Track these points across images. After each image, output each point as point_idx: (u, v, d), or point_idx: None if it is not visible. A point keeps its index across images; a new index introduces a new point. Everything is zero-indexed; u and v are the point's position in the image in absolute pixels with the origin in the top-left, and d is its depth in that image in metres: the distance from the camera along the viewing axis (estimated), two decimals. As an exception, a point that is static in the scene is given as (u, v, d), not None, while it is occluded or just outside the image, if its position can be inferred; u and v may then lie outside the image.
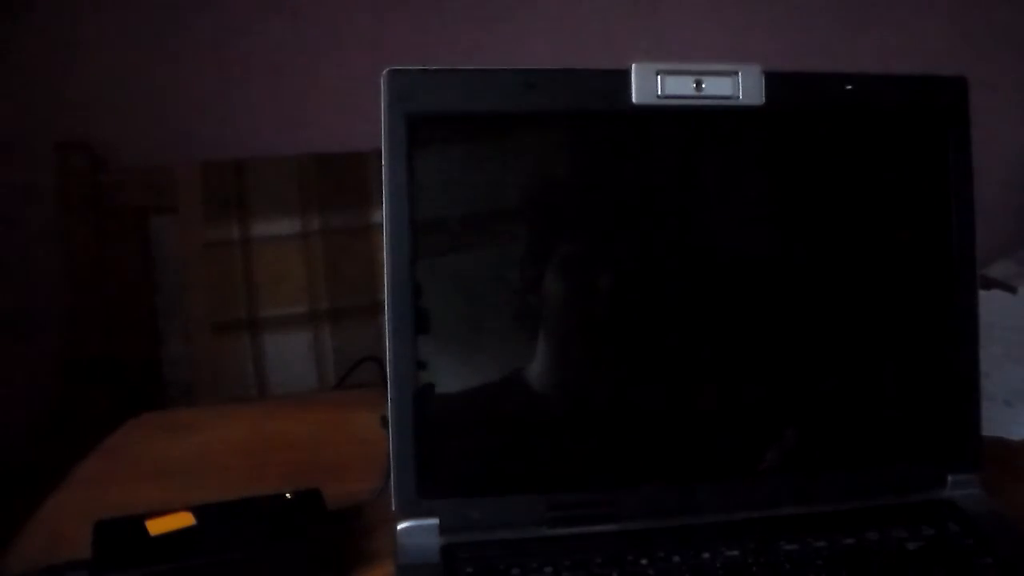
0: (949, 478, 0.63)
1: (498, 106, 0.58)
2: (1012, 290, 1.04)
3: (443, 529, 0.58)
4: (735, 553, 0.57)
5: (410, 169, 0.57)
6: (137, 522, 0.57)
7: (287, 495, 0.61)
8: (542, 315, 0.60)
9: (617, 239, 0.61)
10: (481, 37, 1.34)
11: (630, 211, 0.60)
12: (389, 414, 0.57)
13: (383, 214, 0.57)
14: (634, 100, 0.59)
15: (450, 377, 0.59)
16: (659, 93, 0.59)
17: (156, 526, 0.57)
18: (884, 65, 0.65)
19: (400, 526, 0.58)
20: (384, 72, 0.57)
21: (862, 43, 1.41)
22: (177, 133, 1.28)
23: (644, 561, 0.57)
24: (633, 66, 0.59)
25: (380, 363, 0.81)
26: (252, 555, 0.56)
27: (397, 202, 0.57)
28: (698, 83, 0.59)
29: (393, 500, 0.58)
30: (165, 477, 0.71)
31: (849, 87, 0.61)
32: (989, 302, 0.94)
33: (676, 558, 0.57)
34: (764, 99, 0.60)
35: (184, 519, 0.58)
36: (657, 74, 0.59)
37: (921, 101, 0.63)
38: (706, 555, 0.57)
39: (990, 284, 1.05)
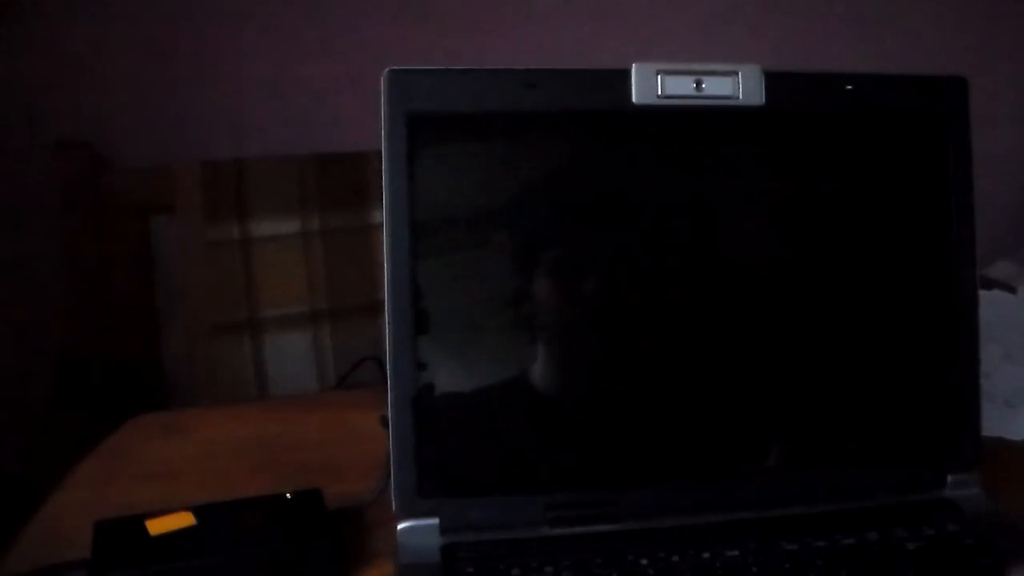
0: (949, 478, 0.63)
1: (498, 106, 0.58)
2: (1012, 290, 1.04)
3: (443, 529, 0.58)
4: (735, 553, 0.57)
5: (410, 169, 0.57)
6: (137, 522, 0.57)
7: (287, 495, 0.61)
8: (542, 315, 0.60)
9: (616, 239, 0.61)
10: (482, 37, 1.34)
11: (630, 211, 0.60)
12: (389, 414, 0.57)
13: (383, 214, 0.57)
14: (634, 100, 0.59)
15: (450, 377, 0.59)
16: (659, 93, 0.59)
17: (156, 526, 0.57)
18: (884, 65, 0.65)
19: (400, 526, 0.58)
20: (384, 72, 0.57)
21: (862, 43, 1.41)
22: (177, 133, 1.28)
23: (644, 561, 0.57)
24: (633, 66, 0.59)
25: (380, 363, 0.81)
26: (252, 555, 0.56)
27: (397, 202, 0.57)
28: (698, 83, 0.59)
29: (393, 500, 0.58)
30: (165, 477, 0.71)
31: (849, 87, 0.61)
32: (989, 302, 0.94)
33: (676, 558, 0.57)
34: (764, 99, 0.60)
35: (184, 519, 0.58)
36: (657, 74, 0.59)
37: (921, 101, 0.63)
38: (706, 555, 0.57)
39: (990, 284, 1.05)
